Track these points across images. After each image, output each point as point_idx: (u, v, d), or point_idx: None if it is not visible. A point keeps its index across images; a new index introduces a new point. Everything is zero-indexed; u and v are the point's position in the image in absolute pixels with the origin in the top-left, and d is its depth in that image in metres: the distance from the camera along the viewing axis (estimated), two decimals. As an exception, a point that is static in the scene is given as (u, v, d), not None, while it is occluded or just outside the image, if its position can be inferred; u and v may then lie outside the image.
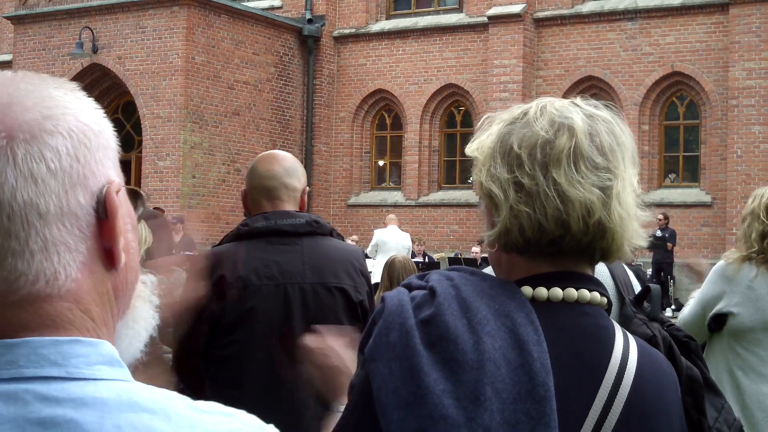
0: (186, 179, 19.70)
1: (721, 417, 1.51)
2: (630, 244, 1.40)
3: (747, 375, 3.61)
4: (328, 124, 22.73)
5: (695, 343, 1.57)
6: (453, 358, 1.26)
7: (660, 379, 1.39)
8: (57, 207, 0.90)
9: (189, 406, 0.91)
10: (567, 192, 1.34)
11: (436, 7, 22.26)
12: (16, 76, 0.94)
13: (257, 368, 3.10)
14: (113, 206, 0.93)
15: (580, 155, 1.35)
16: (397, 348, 1.27)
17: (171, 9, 19.82)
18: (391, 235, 15.20)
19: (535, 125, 1.37)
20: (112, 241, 0.93)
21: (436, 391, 1.24)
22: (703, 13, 19.16)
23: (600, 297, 1.40)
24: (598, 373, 1.34)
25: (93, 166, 0.93)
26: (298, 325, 3.13)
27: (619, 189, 1.38)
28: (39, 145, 0.89)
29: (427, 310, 1.30)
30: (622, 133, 1.42)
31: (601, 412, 1.32)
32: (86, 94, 0.98)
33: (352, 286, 3.20)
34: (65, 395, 0.86)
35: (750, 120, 18.27)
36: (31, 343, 0.88)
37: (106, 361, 0.91)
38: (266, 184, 3.20)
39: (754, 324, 3.60)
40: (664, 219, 17.97)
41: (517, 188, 1.35)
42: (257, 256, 3.14)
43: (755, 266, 3.60)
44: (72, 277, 0.91)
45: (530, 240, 1.36)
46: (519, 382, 1.26)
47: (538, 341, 1.29)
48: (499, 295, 1.34)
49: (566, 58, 20.32)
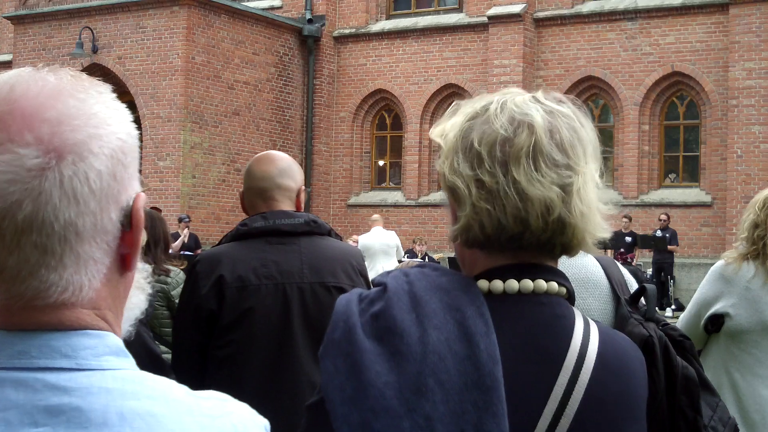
0: (186, 179, 19.70)
1: (716, 415, 1.52)
2: (593, 238, 1.40)
3: (744, 377, 3.60)
4: (328, 124, 22.73)
5: (690, 342, 1.57)
6: (398, 350, 1.28)
7: (624, 366, 1.39)
8: (92, 225, 0.93)
9: (187, 393, 0.96)
10: (526, 190, 1.34)
11: (436, 7, 22.26)
12: (62, 86, 0.94)
13: (256, 368, 3.11)
14: (138, 219, 0.97)
15: (540, 153, 1.36)
16: (341, 344, 1.30)
17: (171, 9, 19.82)
18: (374, 238, 14.79)
19: (495, 122, 1.38)
20: (131, 249, 0.98)
21: (378, 384, 1.26)
22: (703, 13, 19.16)
23: (558, 287, 1.41)
24: (556, 362, 1.35)
25: (126, 182, 0.96)
26: (297, 325, 3.14)
27: (579, 185, 1.37)
28: (85, 167, 0.92)
29: (378, 304, 1.33)
30: (582, 128, 1.41)
31: (561, 400, 1.33)
32: (116, 97, 0.99)
33: (350, 285, 3.21)
34: (73, 384, 0.90)
35: (750, 120, 18.26)
36: (44, 336, 0.92)
37: (113, 351, 0.95)
38: (260, 185, 3.22)
39: (751, 325, 3.58)
40: (666, 219, 17.95)
41: (478, 185, 1.36)
42: (256, 255, 3.14)
43: (754, 267, 3.58)
44: (95, 287, 0.95)
45: (490, 236, 1.37)
46: (465, 373, 1.27)
47: (486, 333, 1.30)
48: (453, 290, 1.35)
49: (566, 58, 20.33)
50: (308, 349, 3.15)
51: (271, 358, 3.12)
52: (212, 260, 3.15)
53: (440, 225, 21.36)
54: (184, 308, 3.20)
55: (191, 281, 3.16)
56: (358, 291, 1.39)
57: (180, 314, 3.28)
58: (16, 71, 0.96)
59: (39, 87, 0.93)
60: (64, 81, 0.95)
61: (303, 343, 3.14)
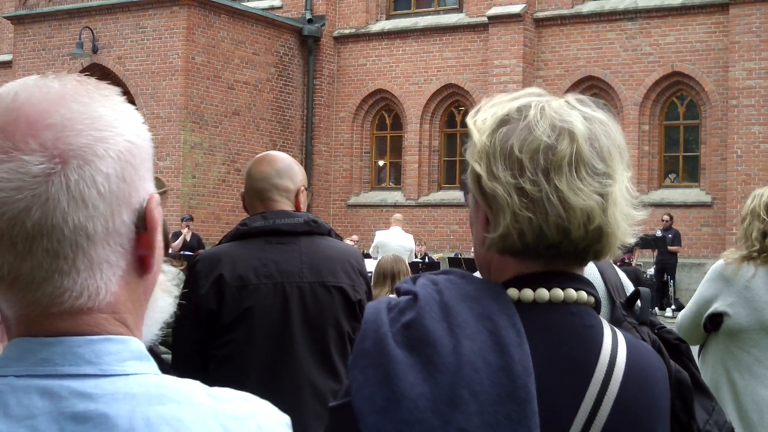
0: (186, 179, 19.70)
1: (711, 419, 1.51)
2: (621, 243, 1.40)
3: (743, 376, 3.60)
4: (328, 124, 22.73)
5: (686, 345, 1.56)
6: (431, 361, 1.26)
7: (649, 375, 1.39)
8: (104, 228, 0.93)
9: (210, 395, 0.97)
10: (569, 199, 1.33)
11: (436, 7, 22.27)
12: (65, 91, 0.94)
13: (256, 367, 3.11)
14: (153, 220, 0.97)
15: (581, 161, 1.34)
16: (372, 355, 1.28)
17: (171, 9, 19.83)
18: (391, 237, 14.73)
19: (536, 129, 1.35)
20: (149, 250, 0.98)
21: (412, 395, 1.24)
22: (703, 13, 19.16)
23: (587, 296, 1.39)
24: (586, 373, 1.34)
25: (137, 183, 0.96)
26: (297, 324, 3.15)
27: (616, 192, 1.37)
28: (91, 170, 0.92)
29: (409, 314, 1.31)
30: (616, 135, 1.41)
31: (590, 411, 1.32)
32: (125, 99, 0.99)
33: (350, 285, 3.22)
34: (99, 391, 0.91)
35: (750, 120, 18.27)
36: (67, 342, 0.93)
37: (136, 356, 0.96)
38: (257, 186, 3.24)
39: (750, 324, 3.59)
40: (670, 220, 17.89)
41: (520, 193, 1.34)
42: (256, 255, 3.15)
43: (754, 266, 3.58)
44: (112, 291, 0.95)
45: (528, 244, 1.35)
46: (499, 385, 1.25)
47: (519, 343, 1.29)
48: (484, 298, 1.34)
49: (566, 58, 20.33)
50: (308, 349, 3.15)
51: (270, 358, 3.12)
52: (212, 260, 3.16)
53: (440, 225, 21.37)
54: (184, 308, 3.20)
55: (191, 281, 3.16)
56: (387, 299, 1.36)
57: (180, 314, 3.28)
58: (22, 80, 0.96)
59: (42, 93, 0.93)
60: (68, 86, 0.95)
61: (302, 342, 3.15)
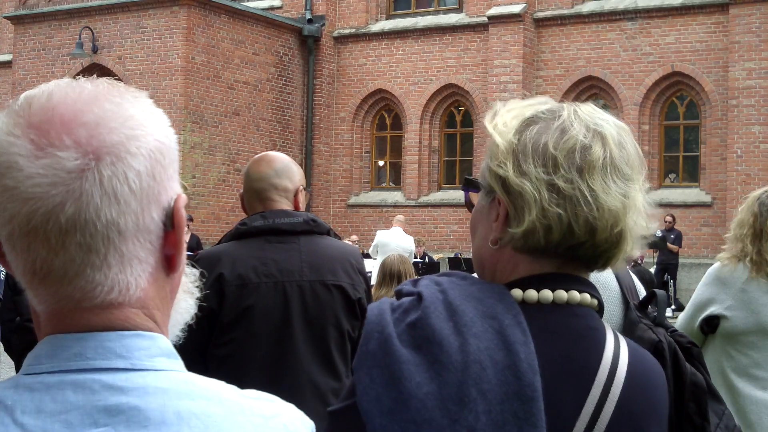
0: (186, 179, 19.70)
1: (722, 423, 1.52)
2: (627, 255, 1.41)
3: (740, 378, 3.59)
4: (328, 124, 22.73)
5: (698, 349, 1.57)
6: (438, 359, 1.26)
7: (650, 380, 1.39)
8: (134, 224, 0.96)
9: (238, 393, 0.99)
10: (600, 199, 1.35)
11: (436, 7, 22.27)
12: (98, 92, 0.97)
13: (256, 366, 3.12)
14: (180, 219, 0.99)
15: (612, 164, 1.37)
16: (377, 356, 1.28)
17: (171, 9, 19.83)
18: (392, 237, 14.74)
19: (572, 129, 1.37)
20: (175, 249, 1.00)
21: (419, 395, 1.24)
22: (703, 13, 19.16)
23: (590, 298, 1.40)
24: (588, 375, 1.34)
25: (165, 182, 0.99)
26: (297, 323, 3.15)
27: (637, 198, 1.39)
28: (123, 167, 0.95)
29: (414, 314, 1.31)
30: (635, 144, 1.43)
31: (593, 413, 1.32)
32: (154, 103, 1.02)
33: (350, 284, 3.23)
34: (130, 385, 0.93)
35: (750, 120, 18.27)
36: (98, 337, 0.95)
37: (164, 353, 0.98)
38: (256, 186, 3.25)
39: (747, 327, 3.58)
40: (672, 221, 17.86)
41: (551, 189, 1.34)
42: (255, 254, 3.16)
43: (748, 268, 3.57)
44: (141, 287, 0.98)
45: (552, 242, 1.35)
46: (506, 383, 1.26)
47: (525, 342, 1.29)
48: (488, 298, 1.34)
49: (566, 58, 20.32)
50: (308, 347, 3.16)
51: (271, 356, 3.13)
52: (212, 259, 3.17)
53: (440, 225, 21.37)
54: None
55: (191, 280, 3.16)
56: (389, 301, 1.36)
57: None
58: (53, 81, 1.00)
59: (76, 93, 0.96)
60: (100, 87, 0.98)
61: (303, 341, 3.16)
